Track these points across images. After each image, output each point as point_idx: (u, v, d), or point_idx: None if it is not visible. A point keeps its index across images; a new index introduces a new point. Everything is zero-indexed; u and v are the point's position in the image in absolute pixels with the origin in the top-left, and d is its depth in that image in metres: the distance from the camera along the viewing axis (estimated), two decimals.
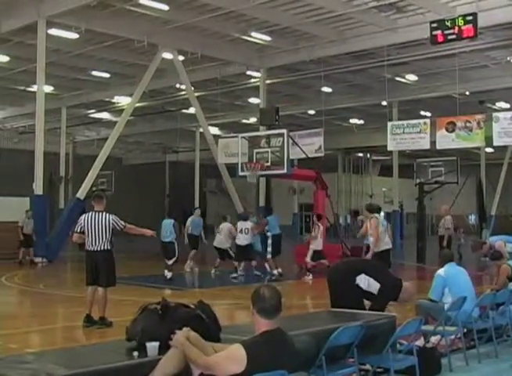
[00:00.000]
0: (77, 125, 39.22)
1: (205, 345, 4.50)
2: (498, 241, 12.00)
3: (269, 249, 18.00)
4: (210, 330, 4.98)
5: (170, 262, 16.92)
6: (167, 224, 17.30)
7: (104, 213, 9.82)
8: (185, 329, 4.57)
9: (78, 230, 9.86)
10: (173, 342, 4.46)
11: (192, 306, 5.23)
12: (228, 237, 17.99)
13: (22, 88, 30.32)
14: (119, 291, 14.55)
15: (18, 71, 27.09)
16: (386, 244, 12.67)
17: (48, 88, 26.94)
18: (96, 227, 9.68)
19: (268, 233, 18.24)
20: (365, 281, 7.75)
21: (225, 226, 18.14)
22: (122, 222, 9.86)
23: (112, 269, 9.89)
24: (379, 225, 12.39)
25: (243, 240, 17.54)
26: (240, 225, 17.77)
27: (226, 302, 12.85)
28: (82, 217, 9.94)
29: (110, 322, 9.64)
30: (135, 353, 4.73)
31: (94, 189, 26.93)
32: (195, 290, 16.22)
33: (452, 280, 8.23)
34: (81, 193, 23.61)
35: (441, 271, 8.34)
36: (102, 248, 9.70)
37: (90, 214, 9.85)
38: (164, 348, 4.59)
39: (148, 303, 5.23)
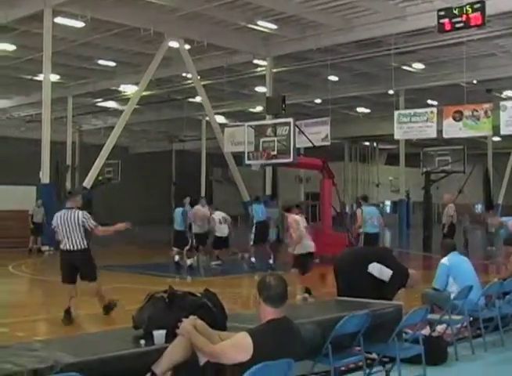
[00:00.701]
0: (84, 114, 39.24)
1: (211, 334, 4.51)
2: (510, 221, 11.84)
3: (252, 236, 17.94)
4: (216, 318, 4.99)
5: (184, 251, 17.00)
6: (178, 213, 17.37)
7: (75, 210, 9.35)
8: (191, 317, 4.58)
9: (55, 230, 9.54)
10: (180, 330, 4.47)
11: (198, 295, 5.25)
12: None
13: (28, 77, 30.35)
14: (126, 279, 14.65)
15: (24, 60, 27.10)
16: (306, 247, 11.67)
17: (55, 77, 26.95)
18: (67, 226, 9.22)
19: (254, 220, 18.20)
20: (378, 269, 7.75)
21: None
22: (93, 222, 9.30)
23: (92, 268, 9.50)
24: (300, 225, 11.70)
25: (223, 230, 17.38)
26: (217, 215, 17.57)
27: (232, 291, 12.87)
28: (54, 216, 9.58)
29: (115, 303, 9.65)
30: (142, 341, 4.75)
31: (100, 177, 27.06)
32: (200, 279, 16.26)
33: (456, 269, 8.24)
34: (88, 182, 23.68)
35: (444, 260, 8.34)
36: (77, 248, 9.24)
37: (62, 212, 9.42)
38: (170, 337, 4.61)
39: (155, 291, 5.25)
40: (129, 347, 4.72)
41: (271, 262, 17.33)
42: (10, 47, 25.87)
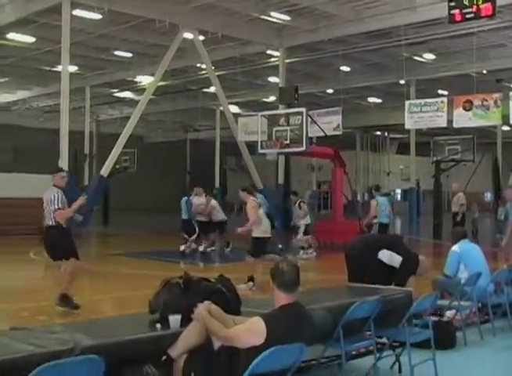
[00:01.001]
0: (101, 104, 39.37)
1: (226, 318, 4.54)
2: None
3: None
4: (230, 303, 5.01)
5: (191, 238, 17.05)
6: (183, 202, 17.43)
7: (53, 188, 9.14)
8: (206, 302, 4.61)
9: None
10: (195, 315, 4.50)
11: (212, 280, 5.27)
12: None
13: (47, 68, 30.43)
14: (141, 265, 14.73)
15: (43, 52, 27.18)
16: (264, 231, 11.49)
17: (73, 68, 27.01)
18: (45, 202, 9.05)
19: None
20: (387, 256, 7.75)
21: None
22: (57, 205, 8.92)
23: (64, 245, 9.10)
24: (256, 208, 11.39)
25: (223, 214, 17.49)
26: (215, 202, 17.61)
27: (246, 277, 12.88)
28: None
29: (75, 304, 8.82)
30: (158, 325, 4.79)
31: (117, 166, 27.14)
32: (214, 265, 16.32)
33: (467, 256, 8.24)
34: (105, 171, 23.77)
35: (455, 247, 8.35)
36: (49, 224, 9.05)
37: (47, 189, 9.29)
38: (185, 321, 4.64)
39: (170, 277, 5.28)
40: (146, 331, 4.76)
41: (280, 246, 17.52)
42: (30, 39, 25.98)
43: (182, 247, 17.09)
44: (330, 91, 35.12)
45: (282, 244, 17.82)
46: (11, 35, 25.38)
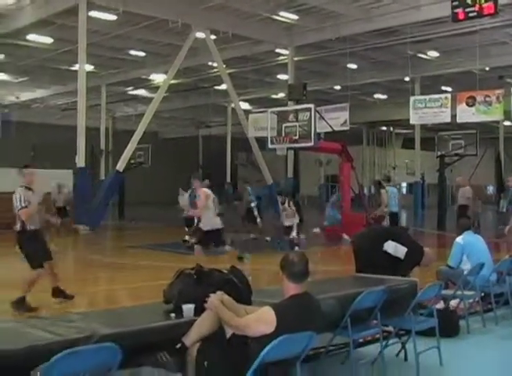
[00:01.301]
0: (116, 102, 39.41)
1: (238, 308, 4.54)
2: None
3: (258, 220, 18.32)
4: (242, 293, 5.01)
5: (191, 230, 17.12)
6: (187, 195, 17.47)
7: (17, 189, 8.07)
8: (218, 292, 4.61)
9: None
10: (207, 305, 4.50)
11: (224, 271, 5.27)
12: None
13: (65, 67, 30.52)
14: (155, 257, 14.76)
15: (61, 52, 27.25)
16: (214, 223, 10.98)
17: (89, 67, 27.06)
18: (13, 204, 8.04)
19: (252, 204, 18.44)
20: (393, 247, 7.72)
21: None
22: (19, 205, 7.92)
23: (27, 253, 8.21)
24: (208, 200, 10.91)
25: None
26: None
27: (257, 268, 12.91)
28: None
29: (31, 308, 8.06)
30: (172, 315, 4.79)
31: (132, 161, 27.19)
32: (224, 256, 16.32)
33: (470, 247, 8.20)
34: (120, 166, 23.83)
35: (459, 239, 8.31)
36: (16, 229, 8.18)
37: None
38: (199, 310, 4.64)
39: (184, 268, 5.29)
40: (160, 320, 4.76)
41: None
42: (48, 40, 26.12)
43: (193, 240, 17.11)
44: (338, 87, 35.03)
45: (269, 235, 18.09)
46: (30, 37, 25.52)
